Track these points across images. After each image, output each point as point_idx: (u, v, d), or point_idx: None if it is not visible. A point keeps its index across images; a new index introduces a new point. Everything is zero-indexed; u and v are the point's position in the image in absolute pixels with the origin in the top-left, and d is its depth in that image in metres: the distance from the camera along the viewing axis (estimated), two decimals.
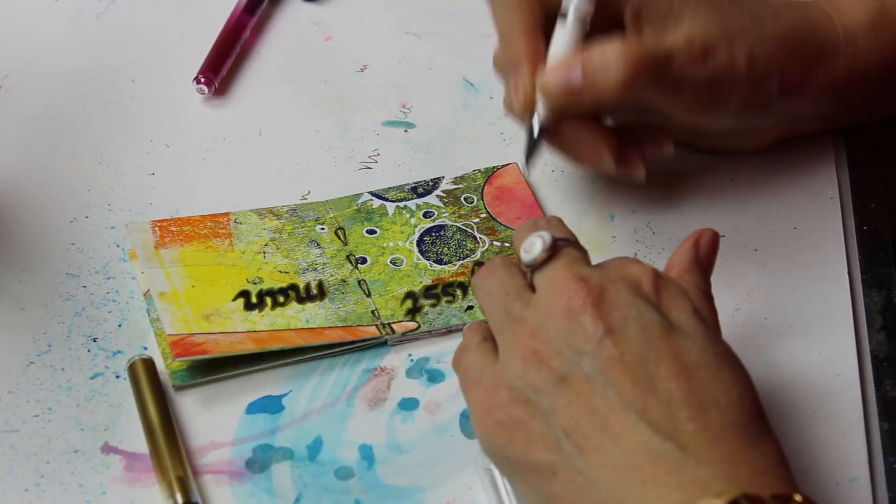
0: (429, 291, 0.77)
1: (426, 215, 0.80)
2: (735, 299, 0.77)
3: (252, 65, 0.91)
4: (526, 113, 0.77)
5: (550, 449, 0.61)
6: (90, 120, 0.87)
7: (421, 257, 0.79)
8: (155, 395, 0.72)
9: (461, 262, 0.79)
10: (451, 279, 0.77)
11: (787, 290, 0.77)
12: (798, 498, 0.58)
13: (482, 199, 0.82)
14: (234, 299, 0.75)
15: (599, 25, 0.76)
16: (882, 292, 0.78)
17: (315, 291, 0.76)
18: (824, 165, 0.84)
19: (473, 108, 0.87)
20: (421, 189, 0.82)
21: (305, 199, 0.83)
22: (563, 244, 0.67)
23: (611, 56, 0.74)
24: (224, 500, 0.69)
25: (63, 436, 0.71)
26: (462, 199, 0.82)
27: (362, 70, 0.91)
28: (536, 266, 0.66)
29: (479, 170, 0.83)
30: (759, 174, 0.83)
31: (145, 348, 0.75)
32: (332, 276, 0.77)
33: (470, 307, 0.76)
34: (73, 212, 0.82)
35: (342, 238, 0.79)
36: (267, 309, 0.75)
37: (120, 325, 0.76)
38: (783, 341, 0.69)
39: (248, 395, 0.73)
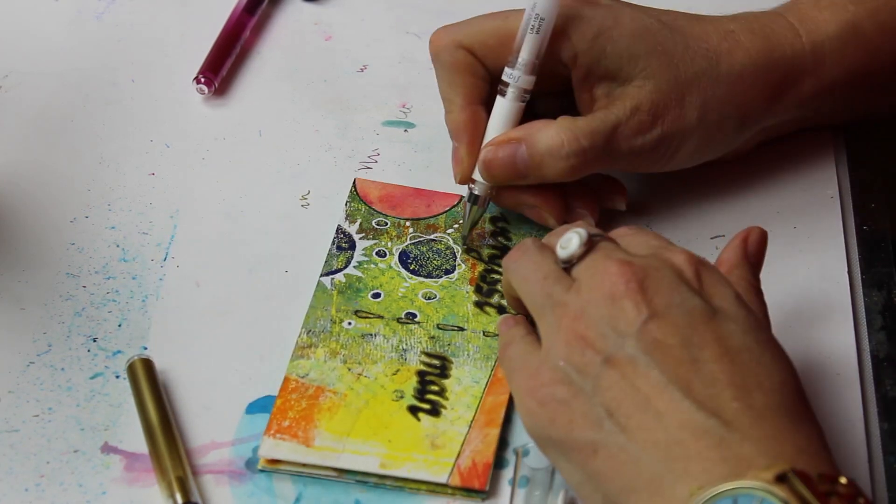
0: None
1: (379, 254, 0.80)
2: None
3: (252, 65, 0.91)
4: (464, 183, 0.78)
5: (592, 428, 0.62)
6: (90, 120, 0.87)
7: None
8: (154, 395, 0.72)
9: (447, 275, 0.78)
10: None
11: (787, 290, 0.77)
12: (843, 480, 0.59)
13: (386, 215, 0.81)
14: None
15: (546, 83, 0.77)
16: (882, 292, 0.78)
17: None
18: (824, 165, 0.84)
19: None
20: (344, 244, 0.80)
21: (305, 198, 0.83)
22: (599, 238, 0.67)
23: (556, 141, 0.75)
24: (224, 500, 0.69)
25: (63, 436, 0.71)
26: (374, 223, 0.81)
27: (362, 70, 0.91)
28: (574, 262, 0.67)
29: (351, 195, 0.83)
30: (759, 174, 0.83)
31: (145, 348, 0.75)
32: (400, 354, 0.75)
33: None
34: (73, 212, 0.82)
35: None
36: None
37: (120, 325, 0.76)
38: (783, 341, 0.69)
39: (248, 395, 0.73)
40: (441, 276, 0.78)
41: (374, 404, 0.72)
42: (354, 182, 0.83)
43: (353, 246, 0.79)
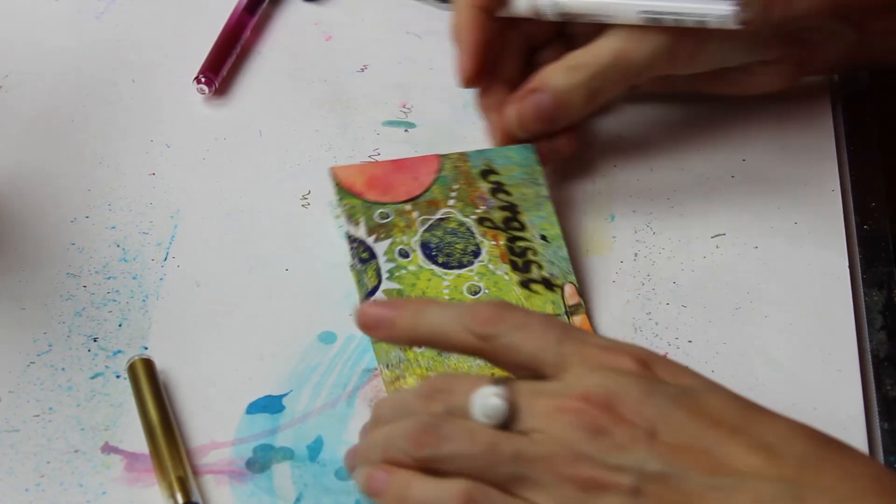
0: None
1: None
2: (735, 298, 0.77)
3: (252, 65, 0.91)
4: (468, 86, 0.81)
5: None
6: (90, 120, 0.87)
7: (444, 269, 0.77)
8: (155, 395, 0.72)
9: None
10: None
11: (788, 289, 0.77)
12: None
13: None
14: None
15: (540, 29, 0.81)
16: (883, 291, 0.78)
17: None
18: (825, 163, 0.84)
19: (473, 108, 0.86)
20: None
21: (305, 198, 0.83)
22: (507, 380, 0.61)
23: (565, 72, 0.77)
24: (224, 500, 0.69)
25: (63, 436, 0.71)
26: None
27: (362, 70, 0.91)
28: (507, 420, 0.60)
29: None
30: (760, 171, 0.83)
31: (145, 348, 0.75)
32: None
33: None
34: (73, 212, 0.82)
35: None
36: None
37: (120, 325, 0.76)
38: (784, 340, 0.69)
39: (248, 395, 0.73)
40: (472, 262, 0.77)
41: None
42: (333, 173, 0.80)
43: (373, 254, 0.77)
